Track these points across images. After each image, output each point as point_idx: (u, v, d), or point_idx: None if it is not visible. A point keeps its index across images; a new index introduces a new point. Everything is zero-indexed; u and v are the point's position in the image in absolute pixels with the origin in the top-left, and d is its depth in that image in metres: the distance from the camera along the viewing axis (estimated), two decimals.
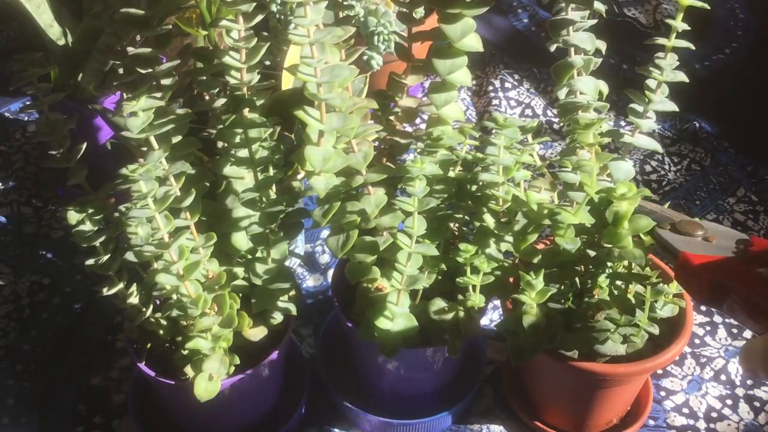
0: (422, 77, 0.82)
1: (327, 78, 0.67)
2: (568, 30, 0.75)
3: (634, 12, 1.56)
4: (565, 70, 0.77)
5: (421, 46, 0.78)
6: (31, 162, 1.24)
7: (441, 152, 0.81)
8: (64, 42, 1.05)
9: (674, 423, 0.95)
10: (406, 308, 0.78)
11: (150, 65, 0.73)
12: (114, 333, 1.04)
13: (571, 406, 0.91)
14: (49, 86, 0.75)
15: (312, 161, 0.70)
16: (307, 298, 1.08)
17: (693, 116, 1.32)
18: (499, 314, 1.06)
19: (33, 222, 1.17)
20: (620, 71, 1.42)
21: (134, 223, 0.73)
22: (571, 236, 0.76)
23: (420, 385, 0.92)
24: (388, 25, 0.81)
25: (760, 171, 1.25)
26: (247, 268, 0.81)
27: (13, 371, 1.00)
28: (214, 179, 0.78)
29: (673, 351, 0.82)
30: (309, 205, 1.10)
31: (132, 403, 0.91)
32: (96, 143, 1.11)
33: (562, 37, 0.76)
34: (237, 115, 0.74)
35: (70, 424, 0.95)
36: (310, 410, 0.94)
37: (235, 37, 0.70)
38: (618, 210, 0.74)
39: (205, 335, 0.77)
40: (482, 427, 0.94)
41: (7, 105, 1.33)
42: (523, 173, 0.78)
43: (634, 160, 1.26)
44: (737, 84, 1.42)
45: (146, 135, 0.71)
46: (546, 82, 1.40)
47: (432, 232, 0.79)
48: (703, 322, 1.05)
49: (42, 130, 0.76)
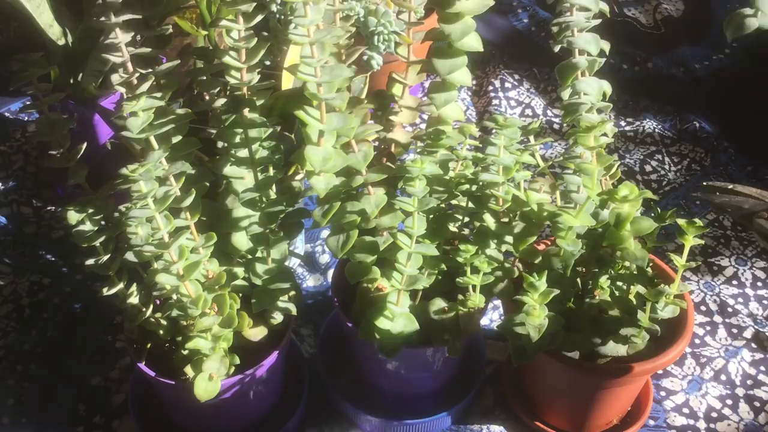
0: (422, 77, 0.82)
1: (327, 78, 0.67)
2: (572, 31, 0.75)
3: (634, 12, 1.56)
4: (570, 71, 0.77)
5: (421, 46, 0.78)
6: (31, 162, 1.24)
7: (441, 152, 0.81)
8: (64, 42, 1.05)
9: (674, 423, 0.95)
10: (406, 308, 0.78)
11: (150, 65, 0.73)
12: (114, 333, 1.03)
13: (571, 406, 0.91)
14: (49, 86, 0.75)
15: (312, 161, 0.70)
16: (307, 298, 1.08)
17: (693, 116, 1.32)
18: (500, 314, 1.06)
19: (33, 222, 1.17)
20: (620, 71, 1.42)
21: (134, 223, 0.73)
22: (572, 238, 0.76)
23: (420, 385, 0.92)
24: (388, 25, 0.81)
25: (760, 171, 1.25)
26: (247, 268, 0.81)
27: (13, 371, 1.00)
28: (214, 179, 0.78)
29: (674, 352, 0.82)
30: (309, 205, 1.10)
31: (132, 403, 0.91)
32: (96, 143, 1.11)
33: (567, 38, 0.76)
34: (237, 115, 0.74)
35: (70, 424, 0.95)
36: (310, 410, 0.94)
37: (235, 37, 0.70)
38: (620, 212, 0.74)
39: (205, 335, 0.77)
40: (482, 427, 0.94)
41: (7, 105, 1.33)
42: (523, 173, 0.78)
43: (634, 160, 1.26)
44: (737, 84, 1.42)
45: (146, 135, 0.71)
46: (546, 82, 1.40)
47: (432, 232, 0.79)
48: (703, 322, 1.05)
49: (42, 130, 0.76)
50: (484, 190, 0.79)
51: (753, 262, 1.12)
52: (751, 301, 1.07)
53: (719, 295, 1.08)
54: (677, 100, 1.36)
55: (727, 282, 1.10)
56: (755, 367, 1.01)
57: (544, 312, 0.74)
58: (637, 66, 1.42)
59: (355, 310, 0.84)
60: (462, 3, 0.72)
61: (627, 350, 0.82)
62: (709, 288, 1.09)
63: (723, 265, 1.12)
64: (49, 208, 1.19)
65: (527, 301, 0.74)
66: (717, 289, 1.09)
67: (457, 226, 0.83)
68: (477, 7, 0.73)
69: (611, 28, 1.52)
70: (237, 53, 0.71)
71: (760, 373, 1.00)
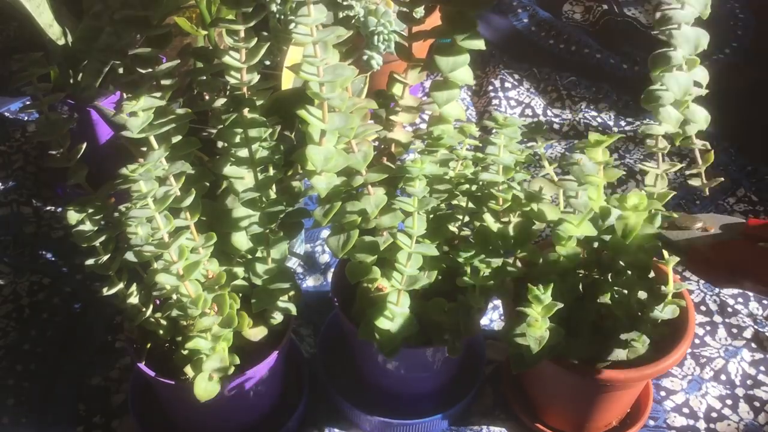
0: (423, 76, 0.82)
1: (330, 77, 0.67)
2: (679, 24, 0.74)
3: (634, 12, 1.56)
4: (663, 62, 0.75)
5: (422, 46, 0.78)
6: (31, 162, 1.24)
7: (441, 152, 0.81)
8: (64, 42, 1.04)
9: (674, 423, 0.95)
10: (406, 308, 0.78)
11: (150, 65, 0.73)
12: (114, 333, 1.03)
13: (571, 408, 0.90)
14: (49, 86, 0.75)
15: (314, 160, 0.70)
16: (307, 298, 1.08)
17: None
18: (500, 314, 1.06)
19: (33, 222, 1.17)
20: (620, 71, 1.42)
21: (134, 223, 0.73)
22: (572, 246, 0.75)
23: (420, 385, 0.92)
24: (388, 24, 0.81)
25: (760, 171, 1.25)
26: (247, 268, 0.81)
27: (13, 371, 1.00)
28: (214, 179, 0.78)
29: (674, 356, 0.81)
30: (309, 205, 1.10)
31: (132, 403, 0.91)
32: (96, 143, 1.11)
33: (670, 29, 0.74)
34: (237, 115, 0.74)
35: (70, 424, 0.95)
36: (310, 410, 0.94)
37: (235, 37, 0.70)
38: (627, 222, 0.73)
39: (205, 335, 0.77)
40: (482, 427, 0.94)
41: (7, 105, 1.33)
42: (523, 174, 0.78)
43: (634, 160, 1.26)
44: (737, 84, 1.42)
45: (146, 135, 0.71)
46: (546, 82, 1.40)
47: (432, 232, 0.79)
48: (703, 322, 1.05)
49: (42, 130, 0.76)
50: (484, 189, 0.79)
51: None
52: (751, 301, 1.07)
53: (719, 295, 1.08)
54: None
55: None
56: (755, 367, 1.01)
57: (545, 324, 0.73)
58: (637, 66, 1.42)
59: (355, 310, 0.84)
60: None
61: (627, 354, 0.82)
62: (709, 288, 1.09)
63: None
64: (49, 208, 1.19)
65: (530, 313, 0.73)
66: (717, 289, 1.09)
67: (457, 226, 0.83)
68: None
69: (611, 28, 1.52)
70: (237, 53, 0.71)
71: (760, 373, 1.00)
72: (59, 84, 1.06)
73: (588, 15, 1.56)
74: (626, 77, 1.40)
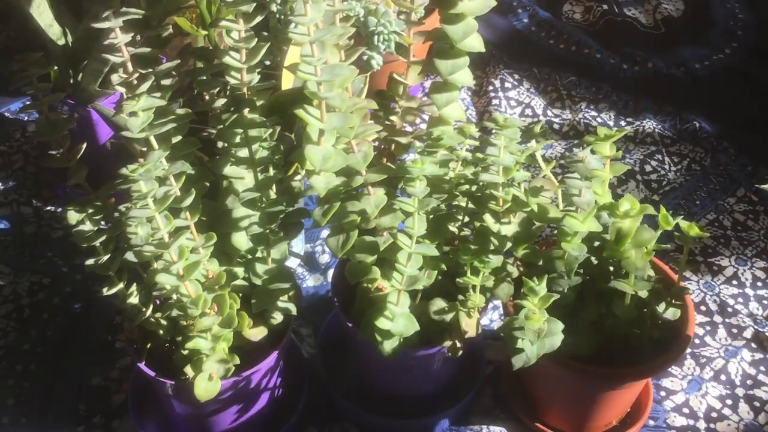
0: (423, 77, 0.82)
1: (327, 77, 0.67)
2: None
3: (634, 12, 1.56)
4: None
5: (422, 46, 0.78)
6: (31, 162, 1.24)
7: (441, 152, 0.81)
8: (64, 42, 1.05)
9: (674, 423, 0.95)
10: (406, 308, 0.78)
11: (150, 65, 0.73)
12: (114, 333, 1.03)
13: (571, 408, 0.91)
14: (49, 86, 0.75)
15: (312, 160, 0.70)
16: (307, 298, 1.08)
17: (693, 116, 1.32)
18: (500, 314, 1.06)
19: (33, 222, 1.17)
20: (620, 71, 1.42)
21: (134, 223, 0.73)
22: (577, 243, 0.75)
23: (420, 385, 0.92)
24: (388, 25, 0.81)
25: (760, 171, 1.25)
26: (247, 268, 0.81)
27: (13, 371, 1.00)
28: (214, 179, 0.78)
29: (674, 356, 0.81)
30: (309, 205, 1.10)
31: (132, 403, 0.91)
32: (96, 143, 1.11)
33: None
34: (237, 115, 0.74)
35: (70, 424, 0.95)
36: (310, 410, 0.94)
37: (235, 37, 0.70)
38: (621, 227, 0.73)
39: (205, 335, 0.77)
40: (482, 427, 0.94)
41: (7, 105, 1.33)
42: (523, 174, 0.78)
43: (634, 160, 1.26)
44: (737, 84, 1.41)
45: (146, 135, 0.71)
46: (546, 82, 1.40)
47: (432, 232, 0.79)
48: (703, 322, 1.05)
49: (42, 130, 0.76)
50: (484, 190, 0.79)
51: (753, 262, 1.12)
52: (751, 301, 1.07)
53: (719, 295, 1.08)
54: (677, 100, 1.36)
55: (727, 282, 1.10)
56: (755, 367, 1.01)
57: (543, 316, 0.74)
58: (637, 66, 1.42)
59: (355, 310, 0.84)
60: (464, 4, 0.72)
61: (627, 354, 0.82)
62: (708, 288, 1.09)
63: (723, 265, 1.12)
64: (49, 208, 1.19)
65: (527, 305, 0.74)
66: (717, 289, 1.09)
67: (457, 226, 0.83)
68: (479, 8, 0.73)
69: (611, 28, 1.52)
70: (237, 53, 0.71)
71: (760, 373, 1.00)
72: (59, 84, 1.06)
73: (588, 15, 1.56)
74: (626, 77, 1.40)
